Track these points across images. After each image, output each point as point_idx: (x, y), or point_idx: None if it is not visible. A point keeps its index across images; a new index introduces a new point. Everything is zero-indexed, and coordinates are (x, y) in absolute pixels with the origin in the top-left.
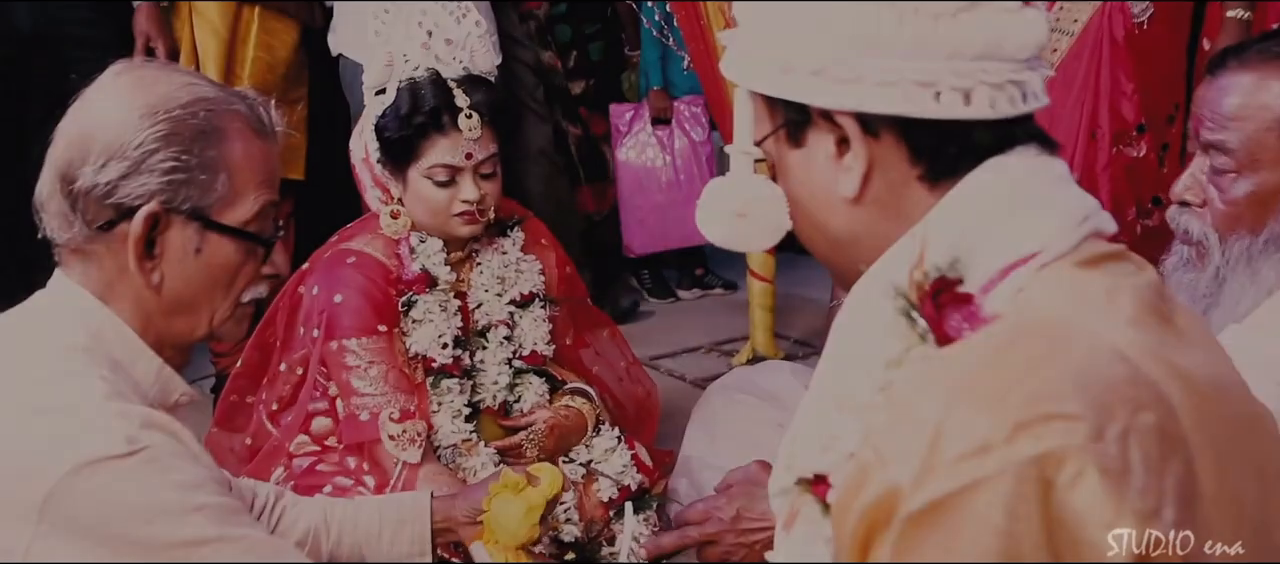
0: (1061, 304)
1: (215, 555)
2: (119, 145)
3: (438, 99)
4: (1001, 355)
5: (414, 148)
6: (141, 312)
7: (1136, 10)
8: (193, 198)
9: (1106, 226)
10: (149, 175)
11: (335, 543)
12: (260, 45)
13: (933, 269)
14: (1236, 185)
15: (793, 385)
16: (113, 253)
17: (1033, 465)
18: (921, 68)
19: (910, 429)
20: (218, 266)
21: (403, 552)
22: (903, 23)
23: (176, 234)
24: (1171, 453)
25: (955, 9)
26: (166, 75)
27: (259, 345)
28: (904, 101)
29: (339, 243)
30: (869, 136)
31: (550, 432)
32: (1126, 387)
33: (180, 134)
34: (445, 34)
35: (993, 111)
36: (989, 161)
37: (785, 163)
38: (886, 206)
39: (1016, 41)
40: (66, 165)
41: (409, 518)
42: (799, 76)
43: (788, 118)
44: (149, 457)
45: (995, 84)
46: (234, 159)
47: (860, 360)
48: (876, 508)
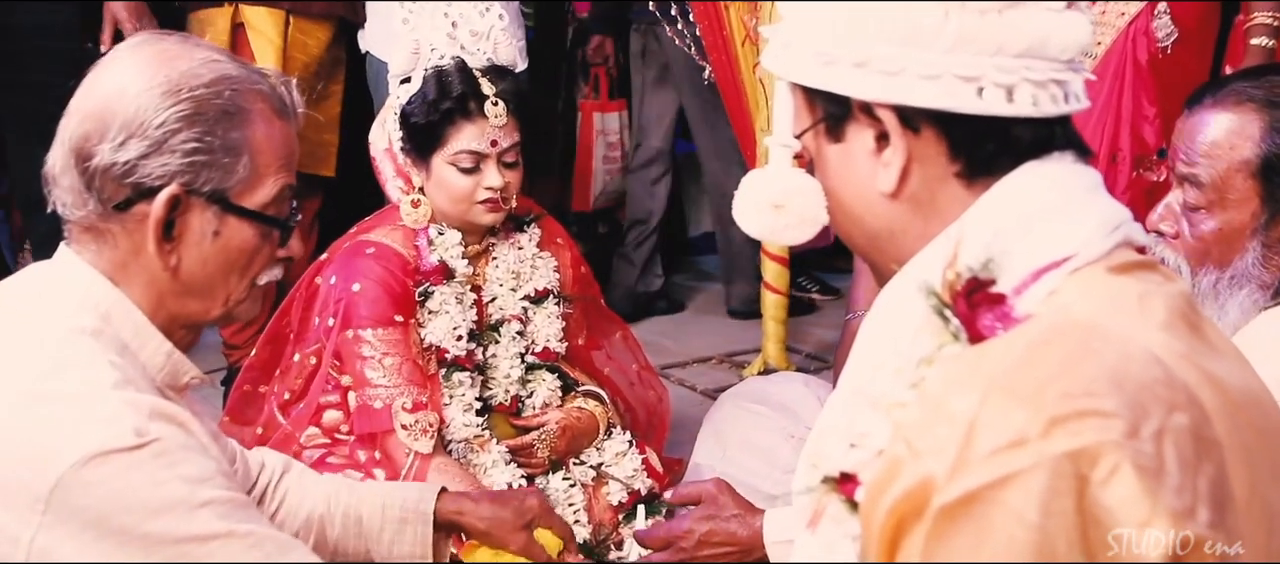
0: (1094, 306)
1: (221, 550)
2: (140, 123)
3: (465, 86)
4: (1036, 352)
5: (440, 134)
6: (154, 293)
7: (1161, 34)
8: (214, 180)
9: (1137, 237)
10: (170, 156)
11: (339, 536)
12: (295, 44)
13: (966, 269)
14: (1205, 222)
15: (805, 396)
16: (128, 232)
17: (1068, 460)
18: (965, 63)
19: (944, 422)
20: (235, 250)
21: (404, 552)
22: (948, 18)
23: (196, 216)
24: (1205, 455)
25: (1001, 5)
26: (189, 50)
27: (273, 336)
28: (946, 96)
29: (357, 234)
30: (909, 131)
31: (562, 433)
32: (1161, 387)
33: (204, 114)
34: (470, 26)
35: (1035, 109)
36: (1026, 166)
37: (824, 156)
38: (923, 203)
39: (1061, 41)
40: (82, 140)
41: (412, 518)
42: (841, 69)
43: (828, 111)
44: (158, 450)
45: (1038, 82)
46: (256, 141)
47: (892, 358)
48: (907, 500)
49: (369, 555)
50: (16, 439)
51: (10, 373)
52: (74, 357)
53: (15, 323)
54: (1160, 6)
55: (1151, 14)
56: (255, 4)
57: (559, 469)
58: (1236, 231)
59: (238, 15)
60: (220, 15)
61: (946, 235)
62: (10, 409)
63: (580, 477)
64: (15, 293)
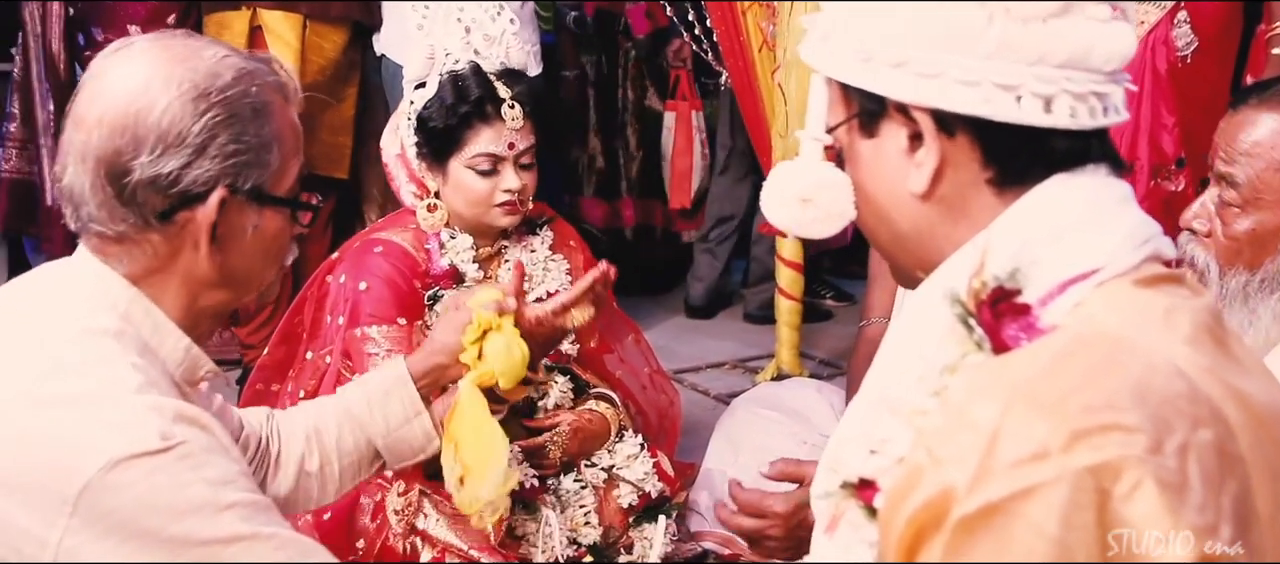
0: (1120, 319)
1: (246, 552)
2: (177, 133)
3: (482, 89)
4: (1061, 363)
5: (458, 137)
6: (189, 292)
7: (1180, 44)
8: (253, 177)
9: (1166, 250)
10: (212, 161)
11: (337, 435)
12: (311, 48)
13: (992, 278)
14: (1239, 221)
15: (818, 403)
16: (168, 239)
17: (1090, 474)
18: (1005, 70)
19: (966, 431)
20: (271, 238)
21: (398, 417)
22: (991, 23)
23: (238, 214)
24: (1229, 472)
25: (1046, 13)
26: (197, 48)
27: (286, 335)
28: (984, 103)
29: (369, 233)
30: (943, 134)
31: (573, 434)
32: (1185, 402)
33: (238, 115)
34: (484, 30)
35: (1072, 121)
36: (1057, 177)
37: (856, 152)
38: (953, 207)
39: (1104, 52)
40: (114, 155)
41: (393, 387)
42: (879, 67)
43: (863, 107)
44: (183, 452)
45: (1078, 94)
46: (281, 132)
47: (915, 365)
48: (927, 509)
49: (370, 442)
50: (40, 440)
51: (29, 372)
52: (97, 358)
53: (35, 321)
54: (1180, 15)
55: (1171, 23)
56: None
57: (571, 471)
58: (1270, 233)
59: (255, 18)
60: (237, 18)
61: (974, 244)
62: (31, 410)
63: (591, 479)
64: (32, 292)
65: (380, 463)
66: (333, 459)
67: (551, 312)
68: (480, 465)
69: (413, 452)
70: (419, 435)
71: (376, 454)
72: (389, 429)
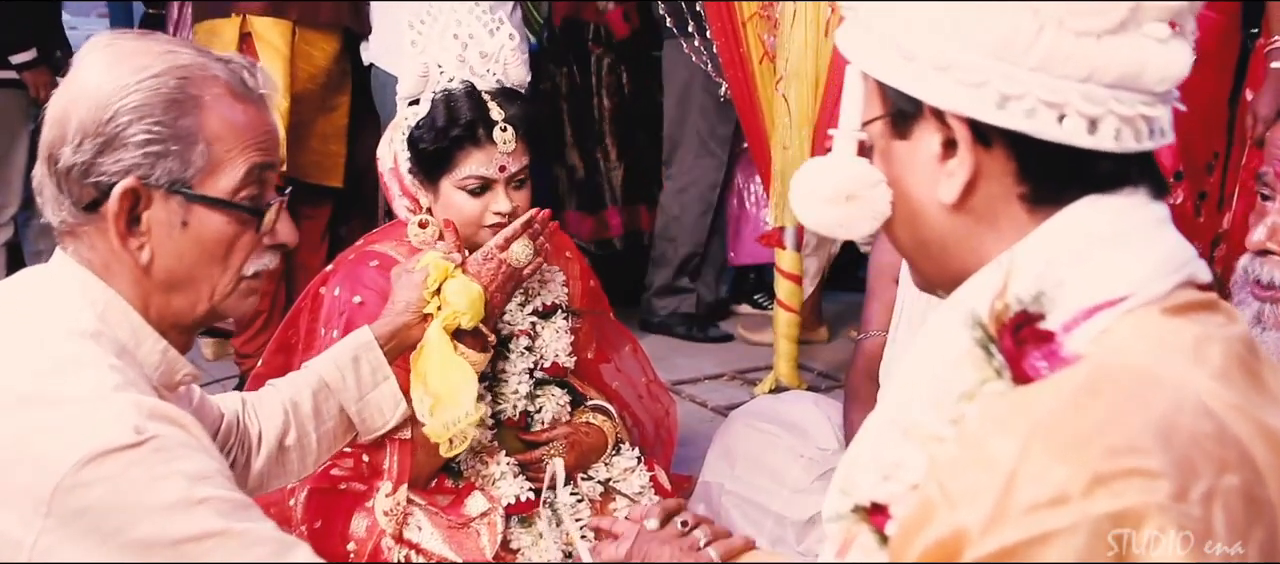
0: (1147, 351)
1: (220, 548)
2: (94, 122)
3: (473, 112)
4: (1083, 399)
5: (449, 159)
6: (139, 291)
7: None
8: (172, 170)
9: (1201, 275)
10: (123, 150)
11: (312, 406)
12: (301, 55)
13: (1015, 301)
14: None
15: (816, 416)
16: (101, 232)
17: (1109, 522)
18: (1052, 86)
19: (982, 469)
20: (209, 240)
21: (368, 380)
22: (1042, 34)
23: (159, 209)
24: (1256, 518)
25: (1102, 28)
26: (144, 45)
27: (281, 346)
28: (1026, 118)
29: (364, 245)
30: (979, 145)
31: (570, 448)
32: (1212, 444)
33: (152, 104)
34: (480, 47)
35: (1116, 145)
36: (1090, 197)
37: (887, 151)
38: (982, 219)
39: (1158, 73)
40: (50, 146)
41: (360, 353)
42: (921, 68)
43: (898, 107)
44: (156, 445)
45: (1125, 116)
46: (212, 127)
47: (931, 389)
48: (940, 548)
49: (342, 409)
50: (17, 441)
51: (6, 374)
52: (75, 359)
53: (13, 324)
54: None
55: None
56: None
57: (567, 483)
58: None
59: (245, 25)
60: (227, 26)
61: (997, 263)
62: (10, 411)
63: (588, 492)
64: (13, 294)
65: (354, 433)
66: (309, 429)
67: (496, 247)
68: (450, 393)
69: (383, 418)
70: (388, 399)
71: (350, 423)
72: (360, 394)
